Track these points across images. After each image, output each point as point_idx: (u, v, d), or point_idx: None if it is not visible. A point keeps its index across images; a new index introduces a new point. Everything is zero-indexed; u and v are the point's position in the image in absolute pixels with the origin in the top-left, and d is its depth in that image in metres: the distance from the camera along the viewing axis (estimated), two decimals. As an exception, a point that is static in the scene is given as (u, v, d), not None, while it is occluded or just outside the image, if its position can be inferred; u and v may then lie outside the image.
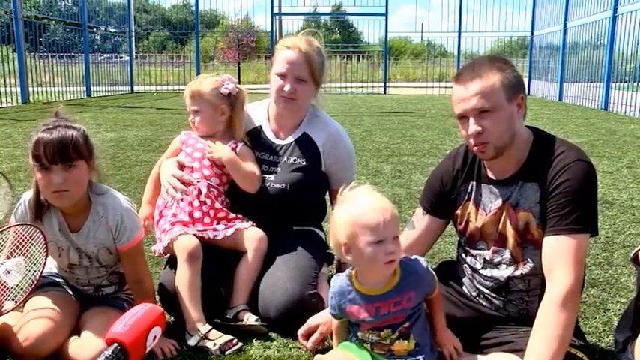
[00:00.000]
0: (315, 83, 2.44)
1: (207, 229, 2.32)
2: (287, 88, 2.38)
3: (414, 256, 1.82)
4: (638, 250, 1.80)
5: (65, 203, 1.99)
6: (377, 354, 1.78)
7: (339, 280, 1.82)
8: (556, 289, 1.69)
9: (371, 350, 1.79)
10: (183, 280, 2.17)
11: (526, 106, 1.87)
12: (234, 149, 2.45)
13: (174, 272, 2.24)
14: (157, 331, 1.94)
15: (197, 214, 2.34)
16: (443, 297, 1.92)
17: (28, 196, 2.07)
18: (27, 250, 2.03)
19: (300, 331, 2.10)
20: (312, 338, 2.07)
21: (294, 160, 2.48)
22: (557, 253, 1.73)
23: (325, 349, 2.04)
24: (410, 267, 1.77)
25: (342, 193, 1.77)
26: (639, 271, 1.87)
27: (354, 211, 1.70)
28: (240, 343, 2.08)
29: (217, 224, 2.36)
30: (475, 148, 1.85)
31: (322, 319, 2.07)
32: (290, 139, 2.51)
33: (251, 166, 2.43)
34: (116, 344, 1.82)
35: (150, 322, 1.91)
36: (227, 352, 2.04)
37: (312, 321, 2.10)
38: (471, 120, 1.80)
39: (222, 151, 2.42)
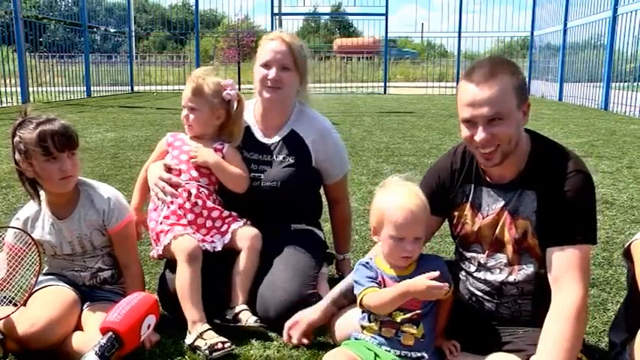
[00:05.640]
0: (299, 73, 2.45)
1: (206, 242, 2.30)
2: (271, 75, 2.40)
3: (436, 256, 1.98)
4: (630, 244, 1.81)
5: (70, 187, 2.08)
6: (385, 337, 1.80)
7: (368, 262, 1.89)
8: (568, 302, 1.69)
9: (379, 331, 1.81)
10: (183, 280, 2.16)
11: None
12: (220, 150, 2.43)
13: (174, 274, 2.23)
14: (151, 319, 1.94)
15: (190, 217, 2.33)
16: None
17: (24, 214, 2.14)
18: (22, 259, 2.06)
19: (288, 323, 2.11)
20: (298, 333, 2.08)
21: (284, 158, 2.48)
22: (565, 264, 1.73)
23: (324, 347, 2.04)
24: (429, 261, 1.87)
25: (388, 178, 1.89)
26: (629, 268, 1.87)
27: (386, 201, 1.82)
28: (233, 346, 2.04)
29: (213, 229, 2.35)
30: (481, 156, 1.80)
31: (308, 316, 2.08)
32: (278, 137, 2.51)
33: (238, 167, 2.42)
34: (111, 333, 1.82)
35: (144, 310, 1.91)
36: (214, 354, 1.99)
37: (299, 317, 2.10)
38: (480, 127, 1.73)
39: (206, 155, 2.40)
